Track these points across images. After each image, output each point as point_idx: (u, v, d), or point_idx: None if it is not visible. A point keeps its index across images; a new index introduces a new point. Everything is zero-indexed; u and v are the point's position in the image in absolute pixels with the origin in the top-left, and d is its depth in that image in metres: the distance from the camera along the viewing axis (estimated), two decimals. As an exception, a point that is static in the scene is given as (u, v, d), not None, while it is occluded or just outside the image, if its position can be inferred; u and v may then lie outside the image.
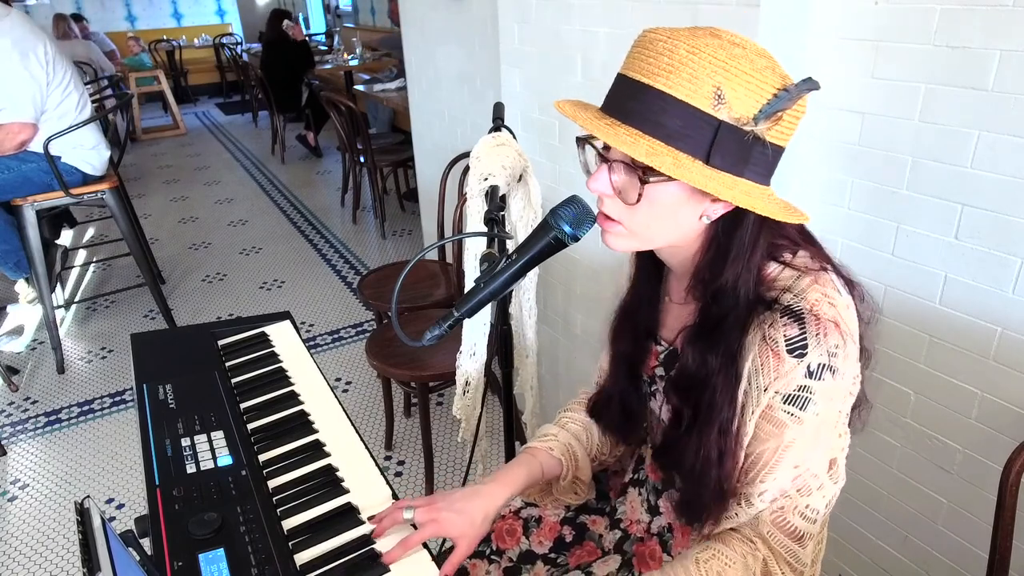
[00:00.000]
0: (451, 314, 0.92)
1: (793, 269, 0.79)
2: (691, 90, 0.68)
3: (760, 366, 0.77)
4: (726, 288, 0.78)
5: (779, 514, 0.83)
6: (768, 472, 0.80)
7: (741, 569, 0.83)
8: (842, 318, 0.76)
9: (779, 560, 0.84)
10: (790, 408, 0.77)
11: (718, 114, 0.69)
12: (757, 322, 0.77)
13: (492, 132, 1.59)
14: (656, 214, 0.77)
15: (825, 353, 0.74)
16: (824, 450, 0.82)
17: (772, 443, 0.79)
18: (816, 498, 0.83)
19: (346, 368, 2.92)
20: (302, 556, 0.87)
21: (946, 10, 1.13)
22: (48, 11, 7.88)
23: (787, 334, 0.75)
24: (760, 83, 0.69)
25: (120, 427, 2.60)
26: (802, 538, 0.83)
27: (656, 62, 0.70)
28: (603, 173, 0.77)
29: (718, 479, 0.81)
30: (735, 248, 0.77)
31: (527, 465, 1.01)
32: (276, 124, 6.30)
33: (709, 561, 0.83)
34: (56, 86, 2.72)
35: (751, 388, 0.78)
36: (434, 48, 2.78)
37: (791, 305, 0.75)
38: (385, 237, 4.36)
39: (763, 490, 0.81)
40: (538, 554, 1.11)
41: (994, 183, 1.14)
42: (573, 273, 2.08)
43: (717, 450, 0.80)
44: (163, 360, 1.28)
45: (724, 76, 0.68)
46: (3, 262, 3.03)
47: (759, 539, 0.84)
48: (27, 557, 2.02)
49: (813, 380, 0.75)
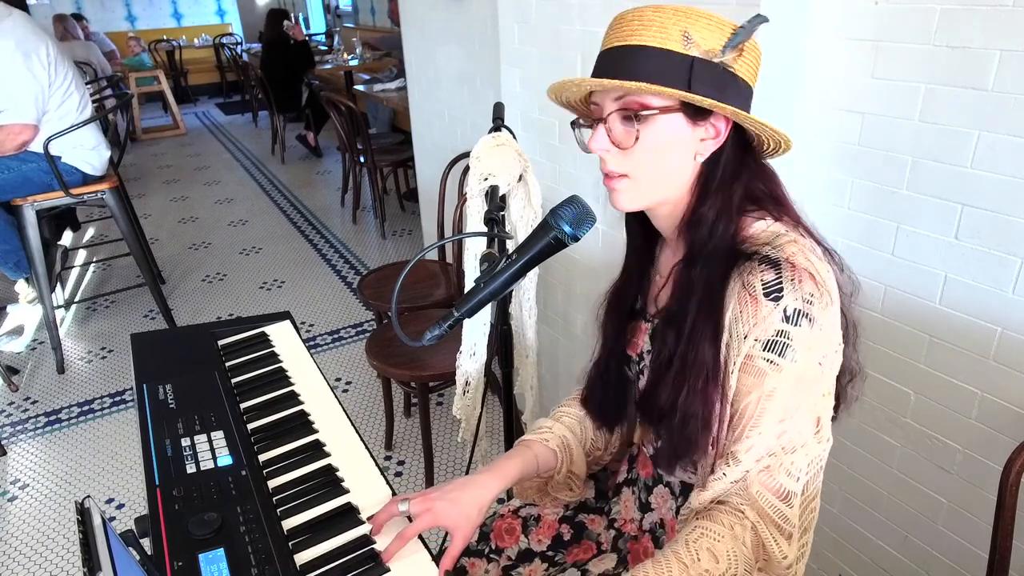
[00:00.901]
0: (451, 314, 0.92)
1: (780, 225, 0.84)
2: (662, 38, 0.78)
3: (739, 313, 0.80)
4: (706, 215, 0.83)
5: (766, 473, 0.82)
6: (753, 427, 0.81)
7: (730, 540, 0.83)
8: (817, 271, 0.79)
9: (768, 523, 0.83)
10: (768, 355, 0.79)
11: (689, 51, 0.78)
12: (737, 272, 0.81)
13: (492, 132, 1.59)
14: (654, 153, 0.82)
15: (800, 299, 0.78)
16: (808, 406, 0.82)
17: (754, 394, 0.80)
18: (799, 455, 0.83)
19: (346, 368, 2.92)
20: (302, 556, 0.87)
21: (946, 10, 1.13)
22: (48, 11, 7.88)
23: (764, 279, 0.78)
24: (719, 24, 0.79)
25: (120, 427, 2.60)
26: (788, 497, 0.83)
27: (628, 27, 0.80)
28: (600, 131, 0.83)
29: (703, 406, 0.83)
30: (717, 179, 0.83)
31: (521, 457, 1.02)
32: (276, 124, 6.30)
33: (698, 540, 0.83)
34: (58, 87, 2.72)
35: (732, 339, 0.81)
36: (434, 48, 2.79)
37: (768, 254, 0.80)
38: (385, 237, 4.36)
39: (749, 446, 0.81)
40: (536, 552, 1.11)
41: (994, 183, 1.14)
42: (573, 273, 2.08)
43: (703, 377, 0.82)
44: (163, 360, 1.28)
45: (688, 22, 0.78)
46: (3, 262, 3.03)
47: (747, 506, 0.84)
48: (27, 557, 2.02)
49: (790, 325, 0.78)
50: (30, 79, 2.61)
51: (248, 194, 5.39)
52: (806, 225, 0.86)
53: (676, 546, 0.84)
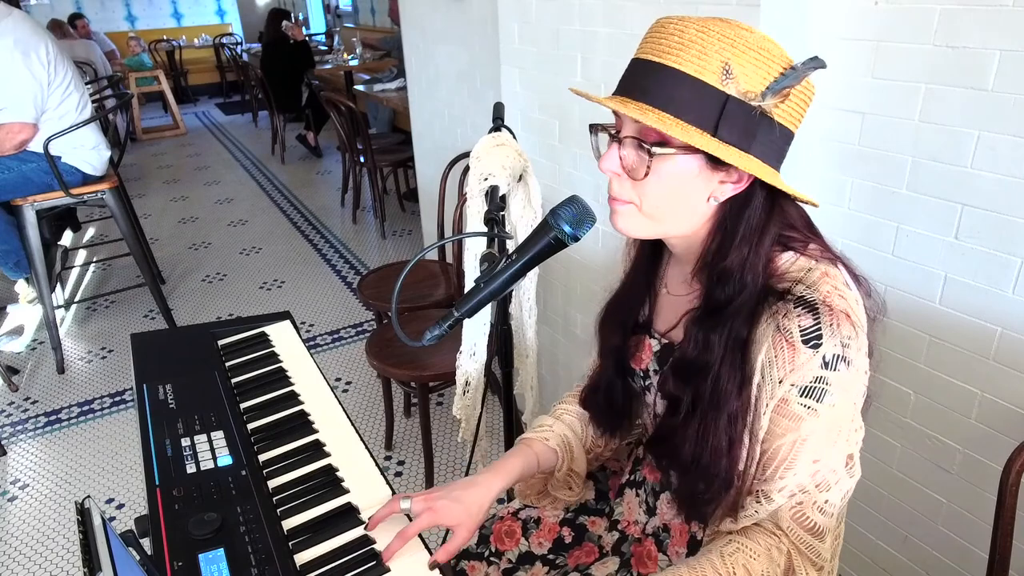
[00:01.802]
0: (451, 314, 0.92)
1: (806, 258, 0.79)
2: (700, 66, 0.70)
3: (774, 357, 0.76)
4: (732, 270, 0.78)
5: (798, 509, 0.82)
6: (787, 468, 0.79)
7: (766, 561, 0.82)
8: (852, 311, 0.76)
9: (800, 555, 0.83)
10: (806, 400, 0.76)
11: (726, 88, 0.70)
12: (769, 313, 0.76)
13: (492, 132, 1.59)
14: (664, 190, 0.77)
15: (839, 344, 0.74)
16: (842, 444, 0.81)
17: (789, 437, 0.78)
18: (834, 492, 0.82)
19: (346, 368, 2.92)
20: (302, 556, 0.87)
21: (946, 10, 1.13)
22: (48, 11, 7.88)
23: (801, 324, 0.74)
24: (768, 61, 0.71)
25: (120, 427, 2.60)
26: (821, 533, 0.83)
27: (667, 42, 0.73)
28: (613, 151, 0.78)
29: (728, 468, 0.80)
30: (742, 229, 0.77)
31: (522, 455, 1.01)
32: (276, 124, 6.30)
33: (734, 555, 0.83)
34: (57, 86, 2.72)
35: (764, 381, 0.78)
36: (434, 48, 2.79)
37: (804, 295, 0.75)
38: (385, 237, 4.36)
39: (782, 486, 0.80)
40: (537, 555, 1.11)
41: (994, 183, 1.14)
42: (573, 273, 2.08)
43: (727, 438, 0.79)
44: (163, 360, 1.28)
45: (732, 52, 0.70)
46: (3, 262, 3.03)
47: (781, 532, 0.84)
48: (27, 557, 2.02)
49: (829, 371, 0.75)
50: (29, 78, 2.61)
51: (248, 194, 5.38)
52: (834, 253, 0.82)
53: (712, 556, 0.84)
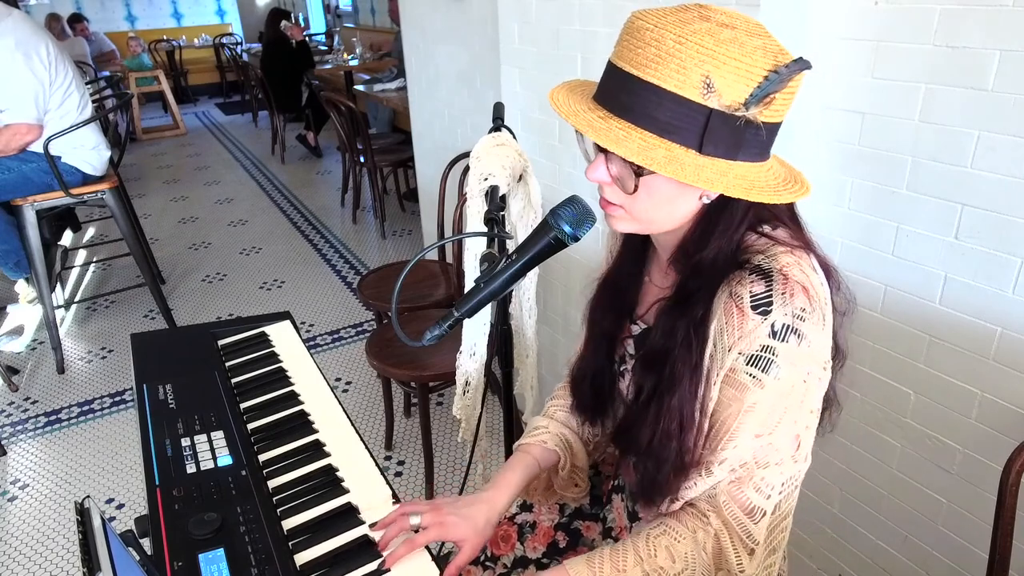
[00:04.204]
0: (451, 314, 0.92)
1: (770, 239, 0.79)
2: (680, 81, 0.68)
3: (725, 324, 0.76)
4: (706, 261, 0.78)
5: (735, 484, 0.81)
6: (729, 439, 0.78)
7: (690, 543, 0.82)
8: (812, 285, 0.75)
9: (732, 534, 0.82)
10: (751, 369, 0.75)
11: (708, 103, 0.68)
12: (725, 282, 0.77)
13: (492, 132, 1.59)
14: (655, 202, 0.77)
15: (790, 314, 0.73)
16: (788, 424, 0.79)
17: (734, 407, 0.78)
18: (773, 472, 0.80)
19: (346, 368, 2.92)
20: (302, 556, 0.87)
21: (946, 10, 1.13)
22: (48, 11, 7.87)
23: (753, 290, 0.74)
24: (750, 67, 0.68)
25: (120, 427, 2.60)
26: (753, 512, 0.81)
27: (644, 53, 0.69)
28: (600, 163, 0.77)
29: (678, 452, 0.80)
30: (723, 223, 0.77)
31: (522, 463, 1.01)
32: (276, 124, 6.30)
33: (659, 537, 0.83)
34: (58, 87, 2.72)
35: (716, 350, 0.77)
36: (434, 48, 2.79)
37: (760, 263, 0.75)
38: (385, 237, 4.36)
39: (723, 458, 0.79)
40: (532, 560, 1.11)
41: (994, 183, 1.14)
42: (573, 273, 2.08)
43: (677, 421, 0.79)
44: (163, 360, 1.28)
45: (712, 64, 0.67)
46: (3, 262, 3.03)
47: (713, 511, 0.82)
48: (27, 557, 2.02)
49: (777, 341, 0.74)
50: (30, 78, 2.61)
51: (248, 194, 5.38)
52: (806, 237, 0.82)
53: (637, 539, 0.84)
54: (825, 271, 0.81)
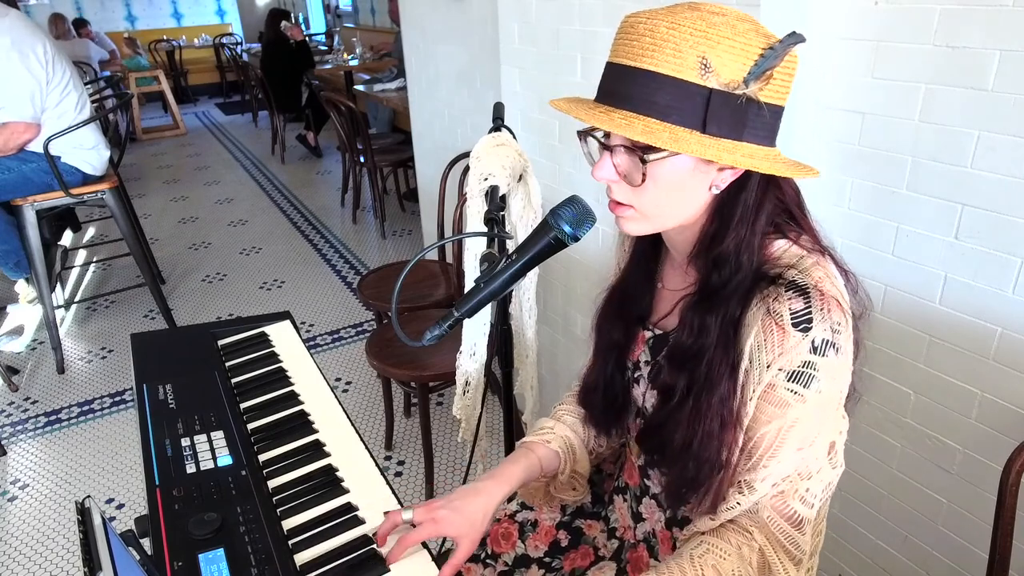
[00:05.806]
0: (451, 314, 0.92)
1: (799, 247, 0.79)
2: (677, 64, 0.69)
3: (763, 341, 0.76)
4: (728, 253, 0.78)
5: (779, 499, 0.81)
6: (771, 456, 0.79)
7: (736, 560, 0.81)
8: (843, 298, 0.76)
9: (776, 548, 0.82)
10: (793, 386, 0.76)
11: (707, 83, 0.69)
12: (760, 296, 0.76)
13: (492, 132, 1.59)
14: (664, 191, 0.76)
15: (829, 329, 0.74)
16: (826, 433, 0.80)
17: (775, 424, 0.77)
18: (815, 482, 0.81)
19: (346, 368, 2.92)
20: (302, 556, 0.87)
21: (946, 10, 1.13)
22: (48, 11, 7.87)
23: (792, 307, 0.74)
24: (744, 46, 0.69)
25: (120, 427, 2.60)
26: (801, 523, 0.82)
27: (639, 44, 0.71)
28: (606, 160, 0.77)
29: (718, 449, 0.79)
30: (739, 212, 0.77)
31: (524, 460, 1.01)
32: (276, 124, 6.30)
33: (704, 556, 0.82)
34: (55, 86, 2.72)
35: (752, 366, 0.77)
36: (434, 48, 2.79)
37: (796, 280, 0.75)
38: (385, 237, 4.36)
39: (765, 475, 0.79)
40: (533, 558, 1.11)
41: (994, 183, 1.14)
42: (573, 273, 2.08)
43: (720, 420, 0.78)
44: (163, 360, 1.28)
45: (707, 45, 0.68)
46: (3, 262, 3.03)
47: (756, 528, 0.83)
48: (27, 557, 2.02)
49: (817, 356, 0.74)
50: (27, 76, 2.61)
51: (248, 194, 5.38)
52: (824, 245, 0.82)
53: (680, 559, 0.83)
54: (843, 275, 0.81)
